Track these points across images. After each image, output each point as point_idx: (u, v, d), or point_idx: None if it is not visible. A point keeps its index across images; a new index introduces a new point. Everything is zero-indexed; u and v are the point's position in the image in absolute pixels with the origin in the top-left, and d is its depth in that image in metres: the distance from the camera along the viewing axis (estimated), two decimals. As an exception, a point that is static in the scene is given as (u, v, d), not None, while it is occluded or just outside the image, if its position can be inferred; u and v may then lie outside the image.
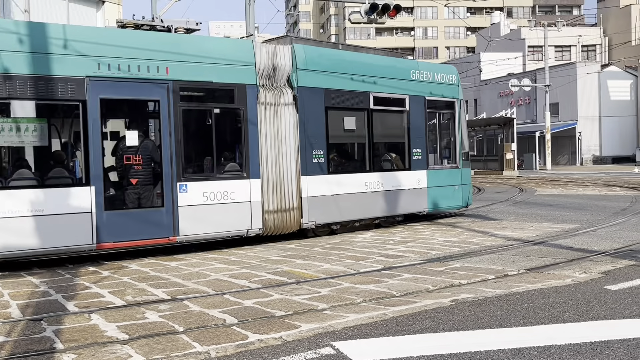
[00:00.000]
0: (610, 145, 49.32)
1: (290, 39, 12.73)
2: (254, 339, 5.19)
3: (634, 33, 57.13)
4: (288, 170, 11.48)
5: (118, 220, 9.67)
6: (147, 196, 10.06)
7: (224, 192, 10.71)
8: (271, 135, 11.28)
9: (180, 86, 10.24)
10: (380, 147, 13.65)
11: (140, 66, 9.89)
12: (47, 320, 5.97)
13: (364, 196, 12.79)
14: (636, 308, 5.91)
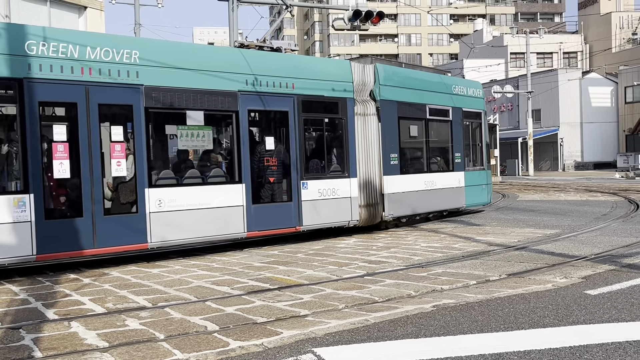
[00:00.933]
0: (591, 151, 49.84)
1: (371, 59, 14.94)
2: (235, 345, 5.17)
3: (614, 40, 57.85)
4: (374, 170, 13.61)
5: (261, 213, 11.50)
6: (279, 192, 11.99)
7: (332, 189, 12.77)
8: (362, 141, 13.36)
9: (302, 99, 12.25)
10: (433, 151, 15.87)
11: (274, 82, 11.87)
12: (25, 328, 5.91)
13: (423, 193, 15.01)
14: (615, 312, 5.97)
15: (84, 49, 9.53)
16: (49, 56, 9.19)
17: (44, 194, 9.07)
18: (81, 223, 9.33)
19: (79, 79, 9.43)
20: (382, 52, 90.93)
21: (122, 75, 9.86)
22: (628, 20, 59.12)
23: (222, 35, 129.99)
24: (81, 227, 9.34)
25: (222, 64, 11.19)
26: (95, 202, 9.46)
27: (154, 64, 10.21)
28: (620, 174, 38.95)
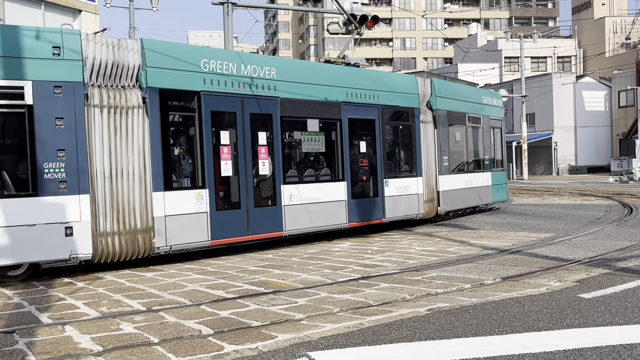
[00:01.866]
0: (585, 155, 49.99)
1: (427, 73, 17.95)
2: (229, 349, 5.17)
3: (607, 45, 58.11)
4: (432, 171, 15.71)
5: (357, 207, 13.47)
6: (369, 189, 14.03)
7: (405, 187, 14.86)
8: (424, 145, 15.48)
9: (384, 109, 14.40)
10: (470, 154, 18.06)
11: (366, 94, 13.94)
12: (19, 332, 5.89)
13: (465, 191, 17.26)
14: (609, 316, 5.98)
15: (240, 67, 11.39)
16: (216, 72, 10.98)
17: (215, 189, 10.87)
18: (240, 214, 11.25)
19: (237, 92, 11.30)
20: (377, 56, 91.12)
21: (265, 89, 11.79)
22: (622, 24, 59.37)
23: (217, 39, 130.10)
24: (240, 217, 11.25)
25: (330, 79, 13.22)
26: (248, 196, 11.41)
27: (286, 79, 12.20)
28: (614, 177, 39.08)
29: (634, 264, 8.88)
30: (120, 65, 9.80)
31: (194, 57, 10.73)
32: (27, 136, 8.94)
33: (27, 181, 8.95)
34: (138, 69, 9.99)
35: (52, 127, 9.15)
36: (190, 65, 10.58)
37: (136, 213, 9.77)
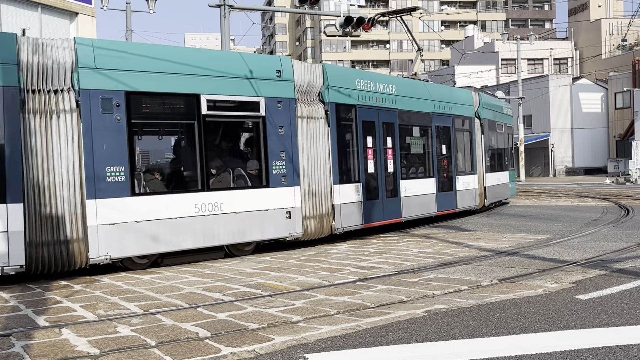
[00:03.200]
0: (582, 156, 50.07)
1: (473, 88, 20.80)
2: (226, 352, 5.17)
3: (604, 46, 58.22)
4: (482, 169, 18.97)
5: (441, 198, 16.52)
6: (447, 184, 16.97)
7: (467, 182, 18.02)
8: (478, 146, 18.84)
9: (455, 118, 17.44)
10: (499, 156, 21.20)
11: (444, 106, 16.91)
12: (16, 335, 5.88)
13: (497, 186, 20.54)
14: (605, 317, 6.00)
15: (375, 84, 14.22)
16: (363, 89, 13.78)
17: (366, 183, 13.66)
18: (378, 203, 14.09)
19: (375, 105, 14.10)
20: (374, 59, 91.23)
21: (389, 102, 14.64)
22: (618, 26, 59.50)
23: (214, 41, 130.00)
24: (378, 206, 14.10)
25: (424, 94, 16.25)
26: (383, 189, 14.26)
27: (401, 94, 15.08)
28: (611, 179, 39.16)
29: (631, 265, 8.90)
30: (311, 85, 12.38)
31: (352, 78, 13.70)
32: (261, 141, 11.45)
33: (262, 176, 11.45)
34: (320, 88, 12.64)
35: (277, 133, 11.64)
36: (350, 84, 13.43)
37: (326, 201, 12.48)
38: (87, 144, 9.39)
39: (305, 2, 17.07)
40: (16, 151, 8.85)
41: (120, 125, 9.71)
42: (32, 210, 8.93)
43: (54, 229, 9.11)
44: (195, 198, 10.45)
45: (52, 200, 9.11)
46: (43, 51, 9.24)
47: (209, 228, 10.55)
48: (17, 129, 8.89)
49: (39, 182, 9.04)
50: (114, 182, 9.56)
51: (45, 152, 9.12)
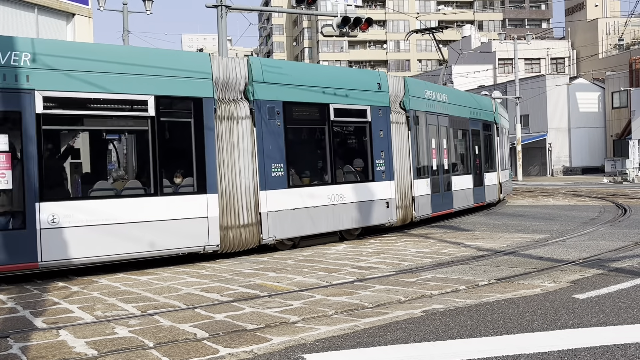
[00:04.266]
0: (579, 156, 50.13)
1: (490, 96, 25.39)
2: (224, 352, 5.16)
3: (601, 46, 58.30)
4: (497, 167, 21.36)
5: (475, 192, 18.91)
6: (478, 180, 19.21)
7: (490, 179, 20.41)
8: (495, 147, 21.40)
9: (484, 123, 20.18)
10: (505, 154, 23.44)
11: (476, 112, 19.61)
12: (13, 337, 5.87)
13: (507, 182, 23.32)
14: (603, 316, 6.01)
15: (435, 94, 16.52)
16: (428, 98, 16.04)
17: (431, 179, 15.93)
18: (438, 196, 16.25)
19: (436, 111, 16.40)
20: (371, 59, 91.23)
21: (444, 109, 17.06)
22: (614, 26, 59.59)
23: (211, 41, 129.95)
24: (439, 198, 16.34)
25: (463, 101, 18.83)
26: (443, 184, 16.64)
27: (450, 102, 17.51)
28: (608, 178, 39.21)
29: (628, 265, 8.92)
30: (398, 95, 14.67)
31: (422, 88, 15.93)
32: (368, 142, 13.64)
33: (368, 172, 13.64)
34: (402, 98, 14.79)
35: (378, 136, 13.82)
36: (421, 94, 15.70)
37: (408, 193, 14.69)
38: (258, 145, 11.38)
39: (302, 3, 17.07)
40: (212, 151, 10.69)
41: (279, 129, 11.73)
42: (223, 200, 10.80)
43: (238, 215, 11.02)
44: (327, 190, 12.65)
45: (236, 191, 11.02)
46: (227, 68, 11.13)
47: (336, 215, 12.73)
48: (213, 133, 10.68)
49: (227, 176, 10.92)
50: (277, 176, 11.64)
51: (230, 151, 10.98)
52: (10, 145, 8.95)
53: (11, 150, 8.97)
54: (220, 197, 10.72)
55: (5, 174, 8.88)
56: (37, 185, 8.99)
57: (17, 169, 8.93)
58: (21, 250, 8.89)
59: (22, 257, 8.91)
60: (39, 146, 9.08)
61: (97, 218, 9.47)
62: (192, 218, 10.45)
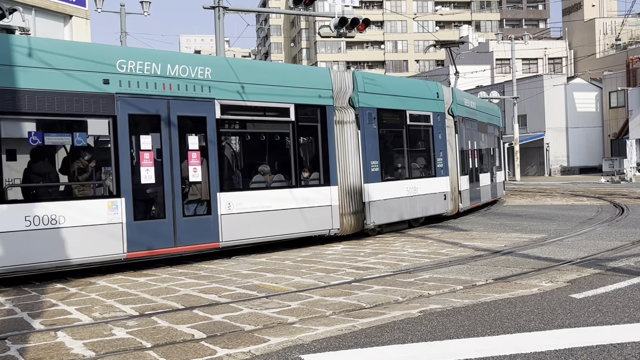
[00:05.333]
0: (577, 155, 50.18)
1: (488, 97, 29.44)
2: (222, 353, 5.17)
3: (598, 46, 58.38)
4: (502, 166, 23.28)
5: (491, 188, 21.31)
6: (492, 177, 21.51)
7: (500, 176, 22.99)
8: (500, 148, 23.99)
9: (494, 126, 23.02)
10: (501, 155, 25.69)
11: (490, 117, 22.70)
12: (11, 339, 5.87)
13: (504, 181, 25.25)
14: (600, 316, 6.02)
15: (470, 101, 19.08)
16: (466, 105, 18.44)
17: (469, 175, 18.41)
18: (475, 190, 18.73)
19: (470, 117, 18.97)
20: (369, 59, 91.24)
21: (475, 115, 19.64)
22: (612, 26, 59.65)
23: (209, 43, 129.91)
24: (475, 192, 18.81)
25: (483, 107, 21.36)
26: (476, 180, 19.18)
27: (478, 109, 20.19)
28: (606, 178, 39.24)
29: (625, 264, 8.93)
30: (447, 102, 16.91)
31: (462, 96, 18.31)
32: (431, 143, 16.01)
33: (431, 168, 16.02)
34: (451, 105, 17.14)
35: (437, 138, 16.15)
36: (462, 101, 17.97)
37: (456, 187, 17.05)
38: (362, 145, 13.52)
39: (300, 3, 17.08)
40: (333, 150, 12.89)
41: (375, 131, 13.94)
42: (341, 191, 12.95)
43: (350, 203, 13.17)
44: (406, 184, 14.94)
45: (349, 183, 13.16)
46: (340, 80, 13.25)
47: (412, 205, 15.07)
48: (333, 135, 12.90)
49: (342, 171, 13.05)
50: (374, 171, 13.84)
51: (343, 150, 13.08)
52: (199, 145, 10.80)
53: (200, 149, 10.81)
54: (339, 188, 12.95)
55: (197, 168, 10.74)
56: (217, 178, 10.95)
57: (204, 165, 10.81)
58: (207, 233, 10.72)
59: (208, 238, 10.77)
60: (218, 145, 11.03)
61: (257, 205, 11.49)
62: (320, 206, 12.57)
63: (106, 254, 9.68)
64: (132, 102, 10.04)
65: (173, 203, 10.35)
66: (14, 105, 8.96)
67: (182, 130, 10.58)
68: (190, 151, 10.68)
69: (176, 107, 10.53)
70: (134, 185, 9.96)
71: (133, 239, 9.84)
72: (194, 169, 10.65)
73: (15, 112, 9.05)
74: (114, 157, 9.79)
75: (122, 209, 9.76)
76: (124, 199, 9.79)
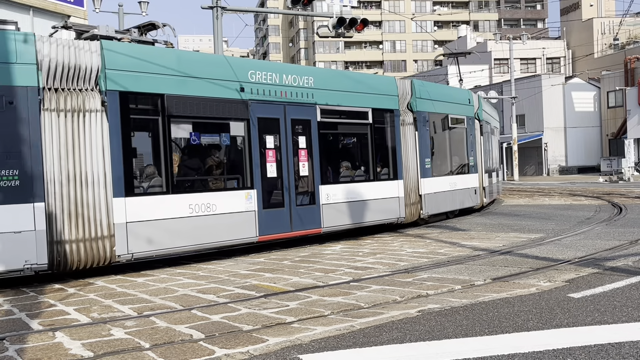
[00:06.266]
0: (575, 155, 50.23)
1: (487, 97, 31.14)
2: (220, 354, 5.17)
3: (596, 46, 58.43)
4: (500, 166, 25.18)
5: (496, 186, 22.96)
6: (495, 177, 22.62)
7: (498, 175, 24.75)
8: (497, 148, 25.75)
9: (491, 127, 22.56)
10: None
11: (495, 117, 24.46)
12: (9, 339, 5.87)
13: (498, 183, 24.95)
14: (598, 315, 6.03)
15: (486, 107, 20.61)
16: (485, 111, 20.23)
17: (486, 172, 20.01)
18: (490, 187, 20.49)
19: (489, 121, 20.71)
20: (368, 59, 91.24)
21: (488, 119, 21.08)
22: (609, 25, 59.72)
23: (207, 42, 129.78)
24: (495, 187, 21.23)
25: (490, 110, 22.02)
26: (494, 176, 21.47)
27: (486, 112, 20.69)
28: (604, 178, 39.30)
29: (623, 263, 8.94)
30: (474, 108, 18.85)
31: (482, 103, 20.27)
32: (465, 143, 18.08)
33: (465, 166, 17.97)
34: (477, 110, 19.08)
35: (470, 139, 18.28)
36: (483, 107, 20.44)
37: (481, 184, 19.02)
38: (418, 144, 15.52)
39: (298, 4, 17.08)
40: (399, 149, 14.96)
41: (427, 133, 15.86)
42: (405, 184, 15.02)
43: (411, 196, 15.19)
44: (449, 179, 16.98)
45: (410, 178, 15.19)
46: (402, 86, 15.34)
47: (453, 198, 17.09)
48: (399, 135, 14.96)
49: (405, 167, 15.04)
50: (427, 168, 15.82)
51: (405, 149, 15.09)
52: (306, 144, 12.65)
53: (307, 148, 12.66)
54: (404, 182, 14.93)
55: (305, 164, 12.62)
56: (319, 173, 12.86)
57: (309, 161, 12.71)
58: (312, 220, 12.65)
59: (313, 224, 12.63)
60: (318, 144, 12.88)
61: (346, 196, 13.38)
62: (391, 197, 14.56)
63: (244, 237, 11.37)
64: (259, 107, 11.80)
65: (290, 194, 12.25)
66: (180, 109, 10.52)
67: (293, 131, 12.47)
68: (300, 149, 12.57)
69: (290, 111, 12.41)
70: (262, 178, 11.73)
71: (262, 225, 11.63)
72: (303, 164, 12.58)
73: (181, 116, 10.59)
74: (247, 155, 11.54)
75: (255, 199, 11.54)
76: (256, 190, 11.58)
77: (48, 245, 8.82)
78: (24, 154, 8.72)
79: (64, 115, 9.14)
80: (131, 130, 9.85)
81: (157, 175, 10.20)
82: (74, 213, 9.09)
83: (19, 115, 8.73)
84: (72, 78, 9.30)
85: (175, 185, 10.34)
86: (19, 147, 8.70)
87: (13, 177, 8.67)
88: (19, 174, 8.68)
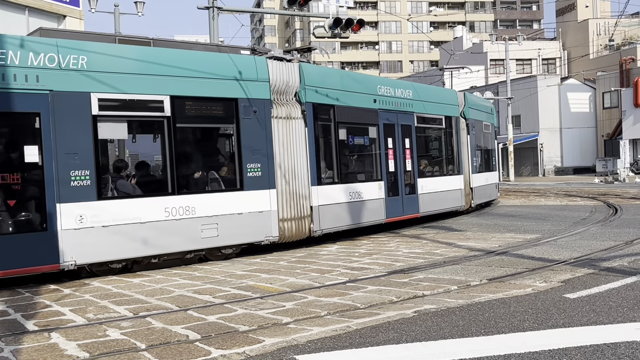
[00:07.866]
0: (571, 156, 50.33)
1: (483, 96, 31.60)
2: (216, 354, 5.16)
3: (591, 46, 58.56)
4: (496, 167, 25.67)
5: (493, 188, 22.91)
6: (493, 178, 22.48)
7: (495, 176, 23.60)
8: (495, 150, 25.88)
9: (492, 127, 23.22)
10: None
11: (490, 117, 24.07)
12: (4, 340, 5.85)
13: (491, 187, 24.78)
14: (593, 315, 6.04)
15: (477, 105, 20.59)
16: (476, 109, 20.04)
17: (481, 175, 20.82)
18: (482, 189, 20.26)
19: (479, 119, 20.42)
20: (364, 60, 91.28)
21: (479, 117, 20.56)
22: (605, 26, 59.87)
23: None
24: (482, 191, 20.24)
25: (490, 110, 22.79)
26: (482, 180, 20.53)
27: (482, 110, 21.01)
28: (599, 178, 39.38)
29: (619, 264, 8.96)
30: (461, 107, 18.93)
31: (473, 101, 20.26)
32: (490, 145, 21.20)
33: (490, 164, 21.18)
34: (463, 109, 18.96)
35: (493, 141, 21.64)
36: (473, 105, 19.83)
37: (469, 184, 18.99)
38: (469, 146, 18.79)
39: (294, 4, 17.08)
40: (460, 149, 18.25)
41: (473, 136, 19.04)
42: (464, 178, 18.33)
43: (466, 188, 18.40)
44: (484, 175, 20.38)
45: (467, 173, 18.52)
46: (460, 96, 18.58)
47: (487, 191, 20.58)
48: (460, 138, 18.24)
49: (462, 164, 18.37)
50: (474, 165, 18.97)
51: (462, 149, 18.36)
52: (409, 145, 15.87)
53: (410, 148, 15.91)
54: (463, 177, 18.17)
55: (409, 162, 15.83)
56: (417, 168, 16.28)
57: (411, 159, 16.04)
58: (413, 206, 15.72)
59: (413, 210, 15.70)
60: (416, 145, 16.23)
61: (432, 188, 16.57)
62: (456, 189, 17.77)
63: (377, 219, 14.30)
64: (384, 115, 14.81)
65: (402, 185, 15.27)
66: (343, 117, 13.36)
67: (402, 134, 15.43)
68: (406, 149, 15.53)
69: (400, 118, 15.43)
70: (386, 172, 14.75)
71: (388, 209, 14.57)
72: (408, 161, 15.54)
73: (343, 122, 13.42)
74: (378, 153, 14.59)
75: (383, 188, 14.50)
76: (383, 181, 14.58)
77: (279, 222, 11.46)
78: (263, 152, 11.36)
79: (282, 122, 11.78)
80: (319, 134, 12.77)
81: (331, 169, 13.17)
82: (290, 197, 11.81)
83: (260, 121, 11.35)
84: (284, 92, 11.96)
85: (341, 177, 13.32)
86: (260, 146, 11.32)
87: (257, 169, 11.30)
88: (261, 166, 11.31)
